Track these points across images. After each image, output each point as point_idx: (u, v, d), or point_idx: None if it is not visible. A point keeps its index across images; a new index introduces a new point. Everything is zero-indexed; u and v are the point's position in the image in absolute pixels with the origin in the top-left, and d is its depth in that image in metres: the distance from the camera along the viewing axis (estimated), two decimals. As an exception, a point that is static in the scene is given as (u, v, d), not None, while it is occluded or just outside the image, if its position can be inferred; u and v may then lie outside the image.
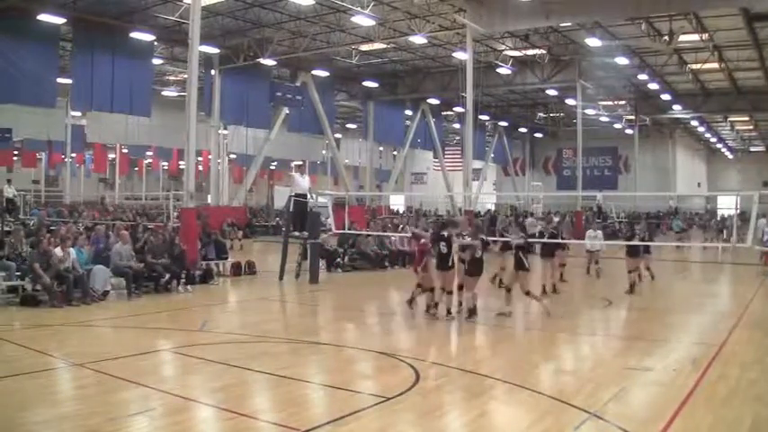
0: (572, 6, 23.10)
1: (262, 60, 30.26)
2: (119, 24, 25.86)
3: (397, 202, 54.54)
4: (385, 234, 20.87)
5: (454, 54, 29.92)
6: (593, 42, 26.77)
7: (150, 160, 49.90)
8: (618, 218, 36.05)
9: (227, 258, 17.01)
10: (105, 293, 12.53)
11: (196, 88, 15.97)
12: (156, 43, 28.55)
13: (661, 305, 12.97)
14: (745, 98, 37.51)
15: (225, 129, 34.37)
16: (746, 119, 45.96)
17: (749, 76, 33.45)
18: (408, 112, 42.76)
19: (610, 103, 42.40)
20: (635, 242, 14.72)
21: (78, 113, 35.49)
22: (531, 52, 31.72)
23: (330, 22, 27.58)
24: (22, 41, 22.87)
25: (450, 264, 10.77)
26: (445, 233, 10.89)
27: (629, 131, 46.37)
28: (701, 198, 55.96)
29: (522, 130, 54.37)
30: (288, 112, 34.95)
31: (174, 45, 29.96)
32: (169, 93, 38.97)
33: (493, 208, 46.52)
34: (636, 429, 5.61)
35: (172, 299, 12.95)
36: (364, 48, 31.50)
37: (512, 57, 32.53)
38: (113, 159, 45.33)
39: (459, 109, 35.96)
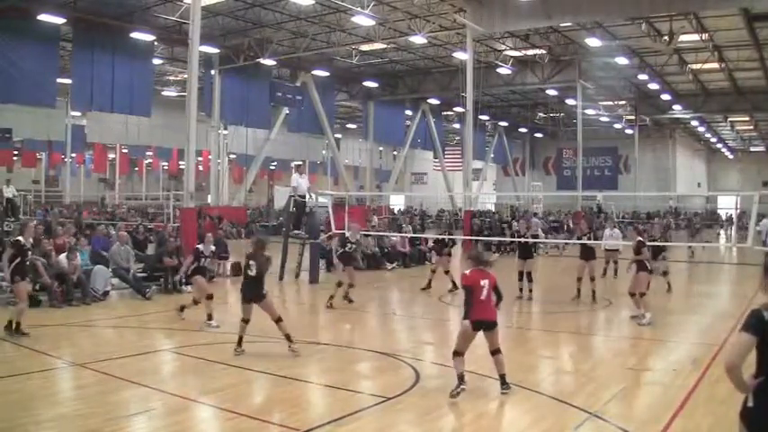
0: (572, 6, 23.12)
1: (262, 60, 30.28)
2: (119, 24, 25.86)
3: (398, 203, 54.55)
4: (385, 234, 20.86)
5: (454, 54, 29.94)
6: (593, 42, 26.79)
7: (150, 160, 49.90)
8: (618, 218, 36.00)
9: (227, 258, 17.00)
10: (106, 294, 12.54)
11: (196, 88, 15.98)
12: (156, 43, 28.56)
13: (661, 305, 12.96)
14: (746, 98, 37.54)
15: (225, 129, 34.38)
16: (746, 119, 45.97)
17: (749, 76, 33.46)
18: (408, 113, 42.78)
19: (610, 103, 42.43)
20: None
21: (78, 113, 35.50)
22: (531, 52, 31.73)
23: (330, 22, 27.59)
24: (22, 41, 22.88)
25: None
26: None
27: (629, 131, 46.40)
28: (701, 198, 56.00)
29: (522, 130, 54.39)
30: (288, 112, 34.97)
31: (174, 45, 29.96)
32: (169, 93, 38.98)
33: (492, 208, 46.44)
34: (636, 429, 5.61)
35: (172, 299, 12.94)
36: (364, 48, 31.51)
37: (512, 57, 32.55)
38: (113, 159, 45.35)
39: (459, 109, 35.99)
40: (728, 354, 3.29)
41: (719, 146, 59.62)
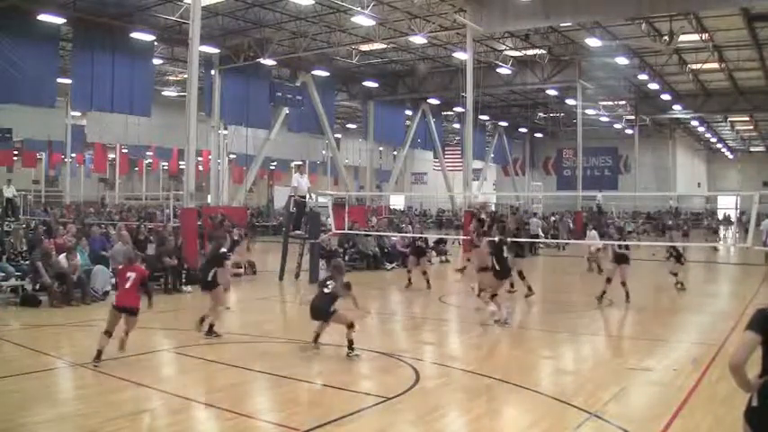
0: (572, 6, 23.12)
1: (262, 60, 30.27)
2: (119, 24, 25.86)
3: (398, 202, 54.58)
4: (385, 234, 20.87)
5: (454, 54, 29.95)
6: (593, 42, 26.78)
7: (150, 160, 49.92)
8: (618, 218, 36.07)
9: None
10: (106, 294, 12.51)
11: (196, 88, 15.97)
12: (156, 43, 28.54)
13: (661, 305, 12.97)
14: (745, 98, 37.52)
15: (225, 129, 34.39)
16: (747, 119, 45.98)
17: (749, 76, 33.45)
18: (408, 112, 42.78)
19: (610, 103, 42.42)
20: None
21: (78, 113, 35.52)
22: (531, 52, 31.72)
23: (330, 22, 27.58)
24: (22, 41, 22.87)
25: None
26: None
27: (629, 131, 46.39)
28: (700, 198, 56.04)
29: (522, 130, 54.39)
30: (288, 112, 34.97)
31: (174, 45, 29.96)
32: (169, 93, 38.99)
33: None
34: (636, 429, 5.61)
35: (172, 299, 12.94)
36: (364, 48, 31.51)
37: (512, 57, 32.54)
38: (113, 159, 45.37)
39: (459, 109, 35.98)
40: (733, 352, 3.29)
41: (719, 146, 59.60)
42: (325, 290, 8.24)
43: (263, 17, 27.11)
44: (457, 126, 47.16)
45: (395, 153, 49.07)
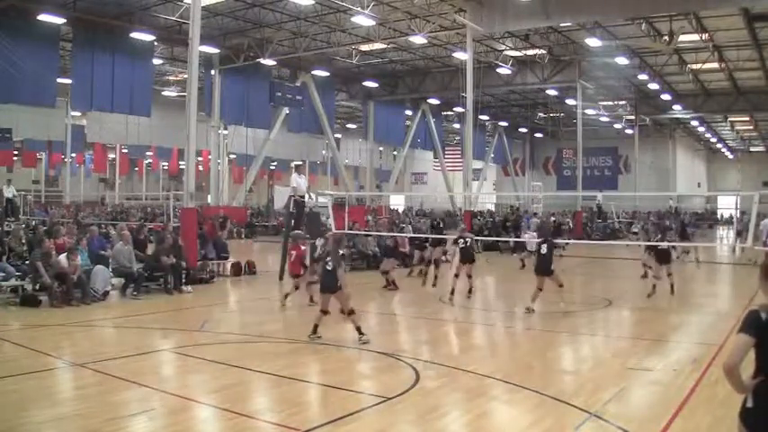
0: (572, 6, 23.13)
1: (262, 60, 30.28)
2: (119, 24, 25.87)
3: (398, 202, 54.56)
4: (385, 234, 20.83)
5: (454, 54, 29.96)
6: (593, 42, 26.79)
7: (150, 160, 49.94)
8: (618, 218, 36.13)
9: (227, 258, 17.00)
10: (106, 294, 12.51)
11: (196, 88, 15.96)
12: (156, 43, 28.55)
13: (661, 305, 12.96)
14: (746, 98, 37.53)
15: (225, 129, 34.39)
16: (747, 119, 45.98)
17: (749, 76, 33.46)
18: (408, 112, 42.77)
19: (610, 103, 42.43)
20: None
21: (78, 113, 35.54)
22: (531, 52, 31.74)
23: (330, 22, 27.59)
24: (22, 41, 22.85)
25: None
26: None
27: (629, 131, 46.40)
28: (701, 198, 56.05)
29: (522, 130, 54.41)
30: (288, 112, 34.97)
31: (174, 45, 29.97)
32: (169, 93, 39.00)
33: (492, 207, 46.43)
34: (636, 429, 5.60)
35: (172, 299, 12.94)
36: (364, 48, 31.52)
37: (512, 57, 32.55)
38: (113, 159, 45.40)
39: (459, 109, 36.00)
40: (727, 355, 3.29)
41: (719, 146, 59.62)
42: (328, 267, 9.01)
43: (263, 17, 27.12)
44: (457, 126, 47.18)
45: (395, 153, 49.08)
